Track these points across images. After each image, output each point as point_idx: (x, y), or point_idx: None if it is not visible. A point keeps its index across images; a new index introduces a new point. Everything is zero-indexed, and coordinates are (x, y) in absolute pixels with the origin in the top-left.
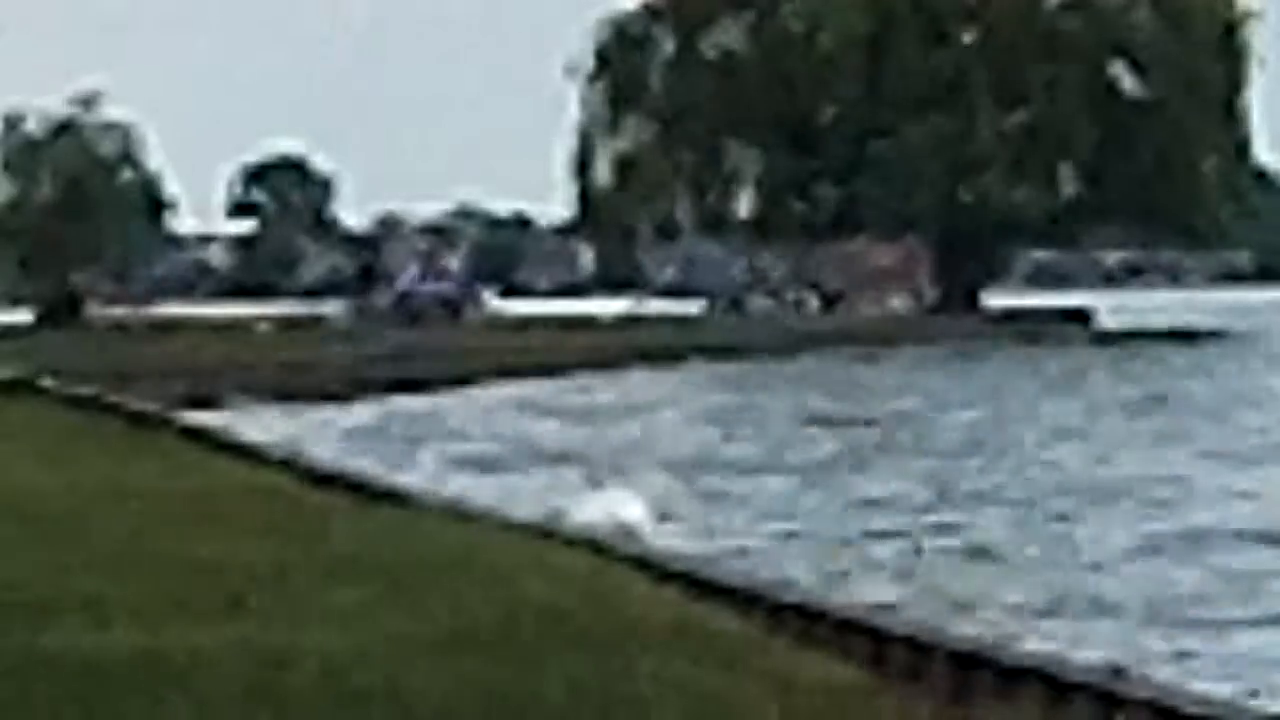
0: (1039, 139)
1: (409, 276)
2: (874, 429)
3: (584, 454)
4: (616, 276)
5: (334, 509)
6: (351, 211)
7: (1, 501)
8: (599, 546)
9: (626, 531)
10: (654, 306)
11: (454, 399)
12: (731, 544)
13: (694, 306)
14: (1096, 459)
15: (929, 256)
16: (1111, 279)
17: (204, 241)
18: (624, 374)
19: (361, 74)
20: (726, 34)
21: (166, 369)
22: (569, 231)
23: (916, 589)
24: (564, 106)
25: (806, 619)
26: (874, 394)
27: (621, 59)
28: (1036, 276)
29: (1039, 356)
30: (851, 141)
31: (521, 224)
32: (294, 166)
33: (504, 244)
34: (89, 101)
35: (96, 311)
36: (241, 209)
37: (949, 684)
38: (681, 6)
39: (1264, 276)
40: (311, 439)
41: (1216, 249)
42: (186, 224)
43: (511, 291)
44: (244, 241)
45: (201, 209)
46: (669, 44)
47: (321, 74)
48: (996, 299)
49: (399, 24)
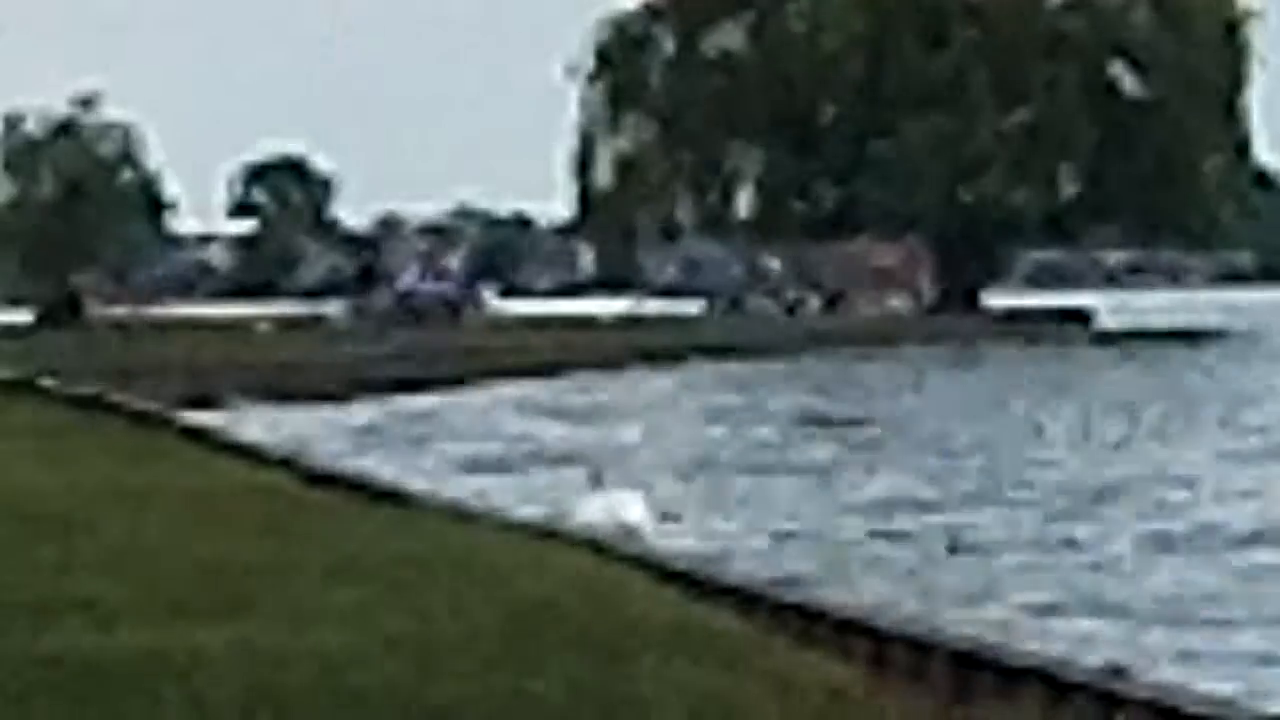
0: (1039, 139)
1: (409, 277)
2: (874, 429)
3: (584, 454)
4: (616, 276)
5: (334, 509)
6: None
7: (1, 501)
8: (599, 546)
9: (628, 532)
10: (654, 306)
11: (454, 399)
12: (732, 544)
13: (694, 306)
14: (1098, 459)
15: (929, 256)
16: (1112, 279)
17: (204, 241)
18: (624, 374)
19: (361, 74)
20: (727, 34)
21: (166, 369)
22: (569, 231)
23: (917, 589)
24: (564, 106)
25: (807, 619)
26: (874, 394)
27: (622, 59)
28: (1037, 276)
29: (1039, 357)
30: (851, 141)
31: (521, 224)
32: (294, 166)
33: (504, 244)
34: (89, 101)
35: (96, 311)
36: (242, 209)
37: (949, 684)
38: (681, 6)
39: (1264, 276)
40: (312, 439)
41: (1217, 249)
42: (187, 224)
43: (511, 291)
44: (244, 241)
45: (201, 209)
46: (669, 44)
47: (321, 74)
48: (997, 299)
49: (399, 24)
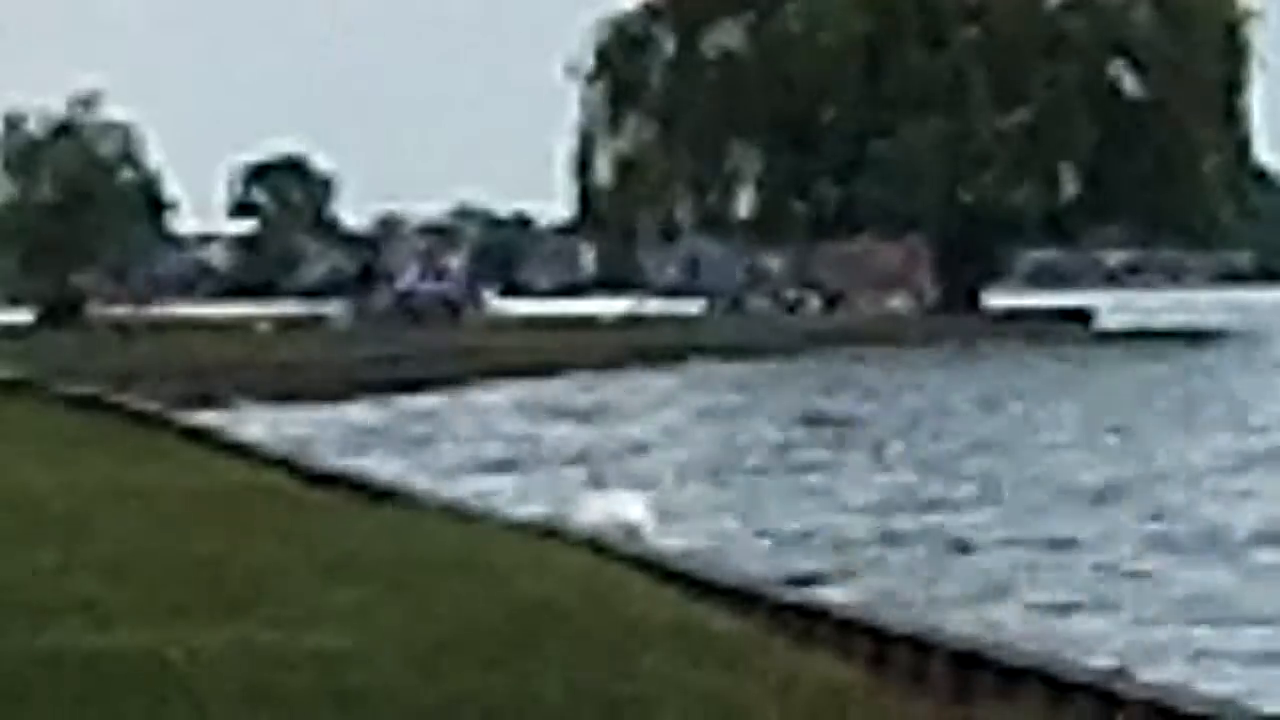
0: (1039, 139)
1: (409, 276)
2: (876, 429)
3: (585, 454)
4: (617, 276)
5: (334, 509)
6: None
7: (1, 501)
8: (599, 546)
9: (628, 532)
10: (654, 306)
11: (454, 399)
12: (734, 544)
13: (694, 306)
14: (1099, 459)
15: (929, 256)
16: (1112, 279)
17: (204, 241)
18: (624, 374)
19: (361, 74)
20: (726, 34)
21: (166, 369)
22: (569, 231)
23: (921, 588)
24: (564, 106)
25: (807, 619)
26: (875, 394)
27: (621, 59)
28: (1037, 276)
29: (1040, 356)
30: (851, 141)
31: (522, 224)
32: (294, 166)
33: (504, 244)
34: (89, 101)
35: (96, 311)
36: (242, 209)
37: (950, 684)
38: (681, 6)
39: (1264, 276)
40: (312, 439)
41: (1217, 249)
42: (187, 224)
43: (512, 291)
44: (244, 241)
45: (202, 209)
46: (669, 44)
47: (321, 74)
48: (997, 299)
49: (399, 24)
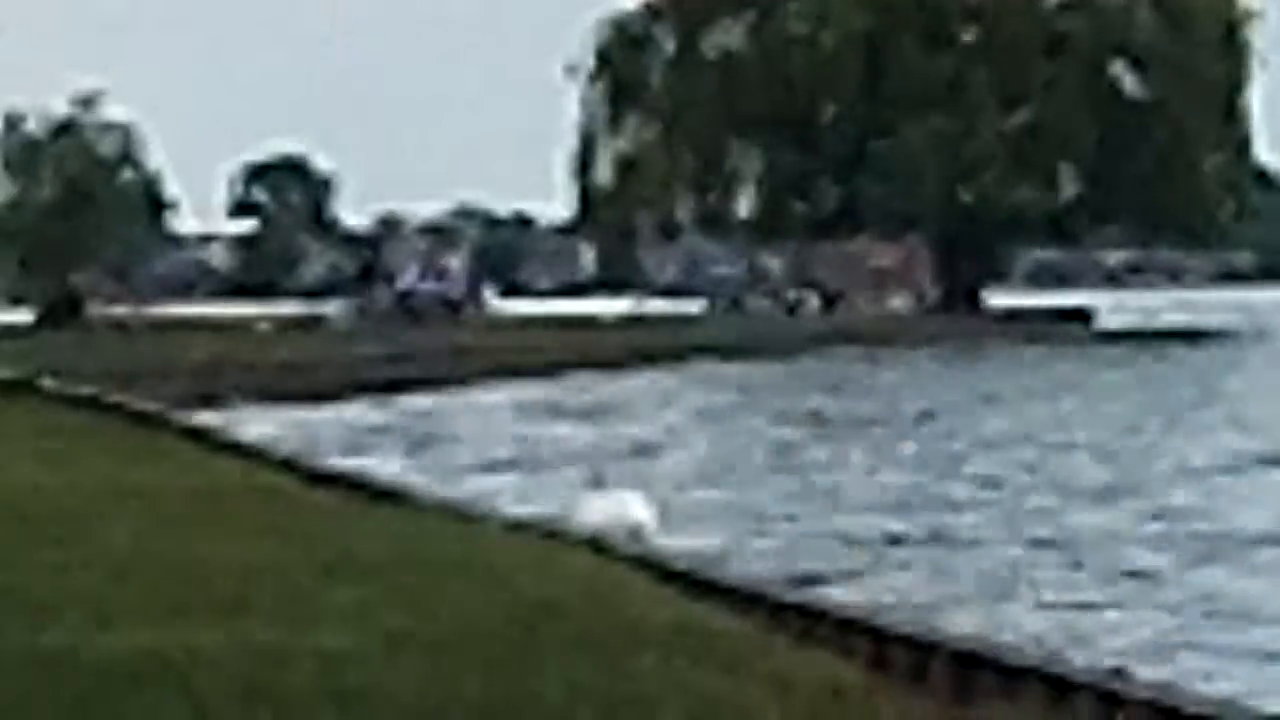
0: (1039, 139)
1: (409, 276)
2: (876, 429)
3: (586, 454)
4: (617, 276)
5: (334, 509)
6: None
7: (1, 501)
8: (599, 547)
9: (630, 532)
10: (654, 306)
11: (454, 399)
12: (735, 544)
13: (694, 306)
14: (1100, 458)
15: (930, 256)
16: (1112, 278)
17: (204, 241)
18: (624, 374)
19: (361, 74)
20: (727, 34)
21: (166, 369)
22: (569, 231)
23: (920, 589)
24: (564, 106)
25: (807, 619)
26: (876, 394)
27: (622, 59)
28: (1037, 276)
29: (1040, 356)
30: (852, 141)
31: (522, 224)
32: (294, 166)
33: (504, 244)
34: (89, 101)
35: (97, 311)
36: (242, 209)
37: (950, 684)
38: (681, 6)
39: (1265, 276)
40: (312, 439)
41: (1217, 248)
42: (187, 224)
43: (512, 291)
44: (244, 241)
45: (202, 209)
46: (669, 44)
47: (321, 74)
48: (997, 299)
49: (399, 24)
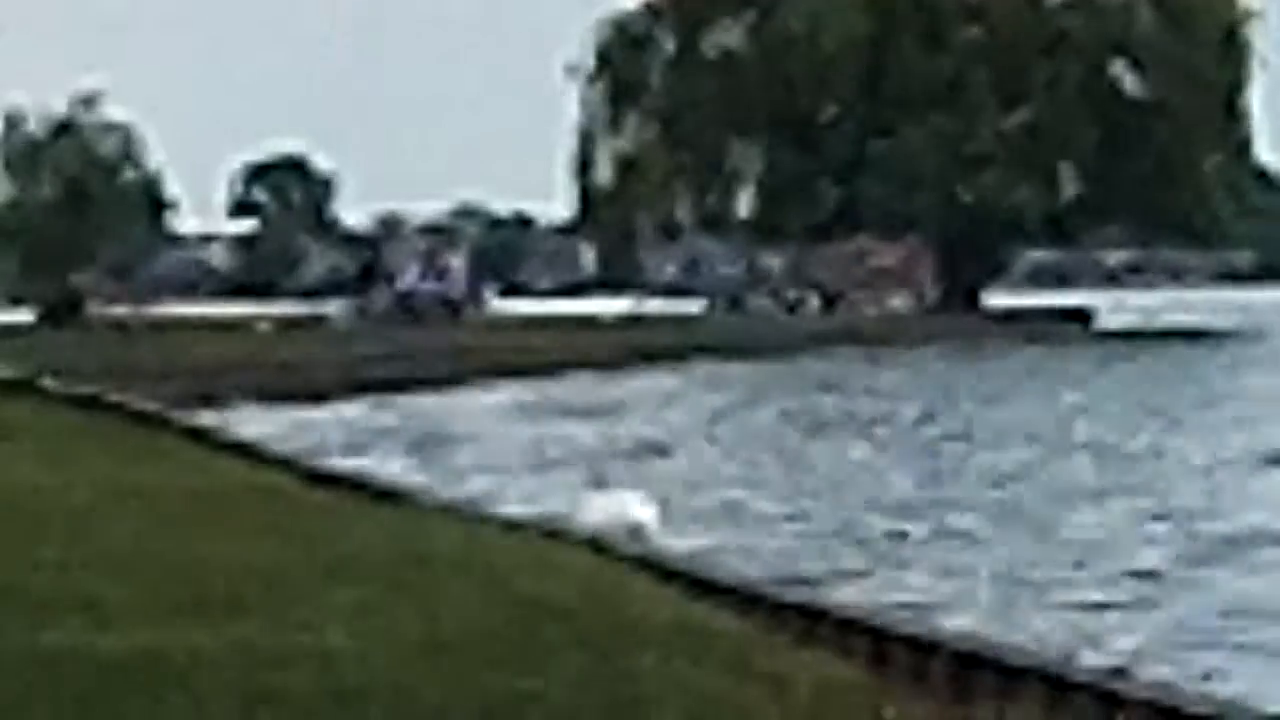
0: (1040, 139)
1: (410, 276)
2: (877, 429)
3: (586, 454)
4: (617, 276)
5: (334, 509)
6: (352, 211)
7: (1, 501)
8: (600, 546)
9: (631, 531)
10: (654, 306)
11: (455, 399)
12: (736, 544)
13: (694, 306)
14: (1101, 458)
15: (929, 256)
16: (1112, 278)
17: (205, 241)
18: (624, 374)
19: (361, 74)
20: (727, 33)
21: (167, 369)
22: (570, 231)
23: (922, 590)
24: (564, 106)
25: (807, 619)
26: (876, 394)
27: (622, 59)
28: (1037, 276)
29: (1040, 356)
30: (852, 141)
31: (522, 223)
32: (295, 166)
33: (505, 244)
34: (89, 101)
35: (97, 311)
36: (242, 208)
37: (950, 684)
38: (682, 6)
39: (1265, 276)
40: (312, 439)
41: (1217, 248)
42: (187, 224)
43: (512, 291)
44: (245, 241)
45: (202, 209)
46: (669, 43)
47: (321, 74)
48: (997, 298)
49: (399, 24)
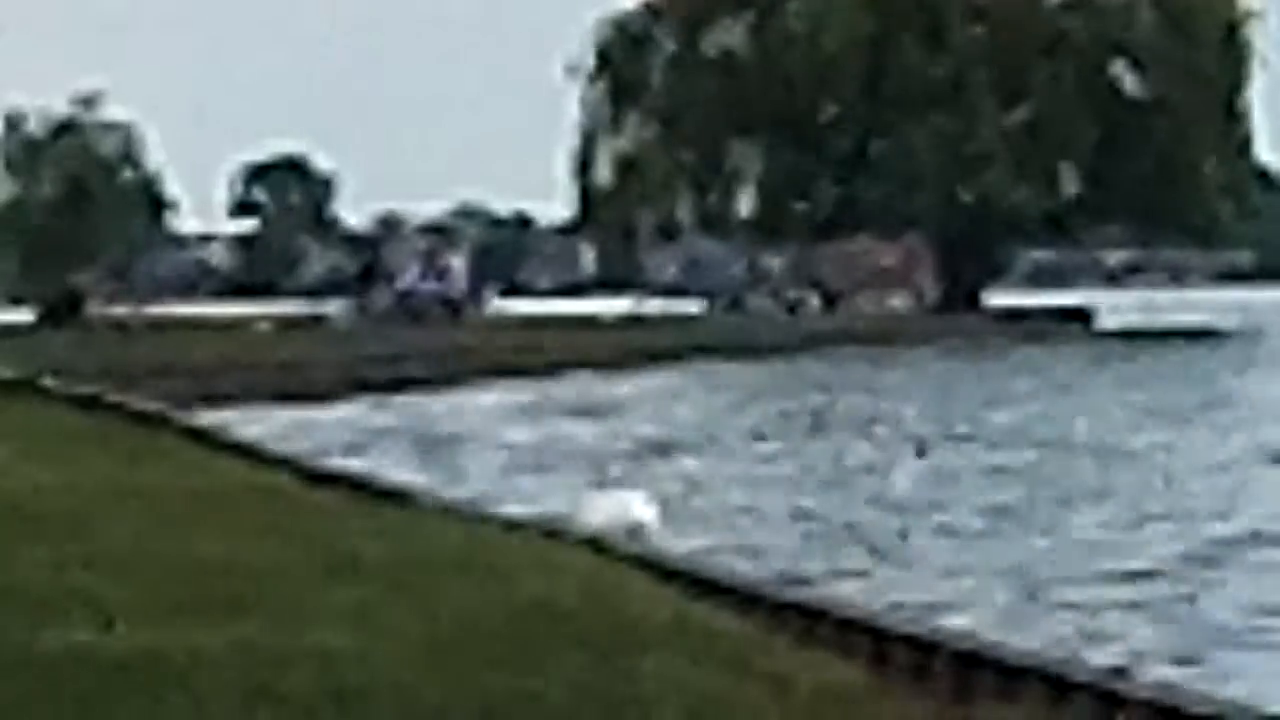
0: (1040, 138)
1: (410, 276)
2: (877, 428)
3: (587, 453)
4: (617, 276)
5: (334, 509)
6: (352, 211)
7: (1, 501)
8: (600, 546)
9: (632, 531)
10: (654, 306)
11: (455, 399)
12: (736, 543)
13: (694, 306)
14: (1102, 458)
15: (930, 256)
16: (1113, 278)
17: (205, 241)
18: (625, 374)
19: (361, 74)
20: (727, 33)
21: (167, 369)
22: (570, 231)
23: (923, 589)
24: (564, 106)
25: (808, 618)
26: (877, 393)
27: (622, 58)
28: (1037, 276)
29: (1040, 356)
30: (852, 141)
31: (522, 223)
32: (295, 166)
33: (505, 243)
34: (89, 101)
35: (97, 311)
36: (242, 208)
37: (950, 684)
38: (682, 6)
39: (1265, 275)
40: (311, 439)
41: (1218, 248)
42: (187, 223)
43: (512, 291)
44: (245, 241)
45: (202, 208)
46: (669, 43)
47: (321, 74)
48: (997, 298)
49: (399, 24)
